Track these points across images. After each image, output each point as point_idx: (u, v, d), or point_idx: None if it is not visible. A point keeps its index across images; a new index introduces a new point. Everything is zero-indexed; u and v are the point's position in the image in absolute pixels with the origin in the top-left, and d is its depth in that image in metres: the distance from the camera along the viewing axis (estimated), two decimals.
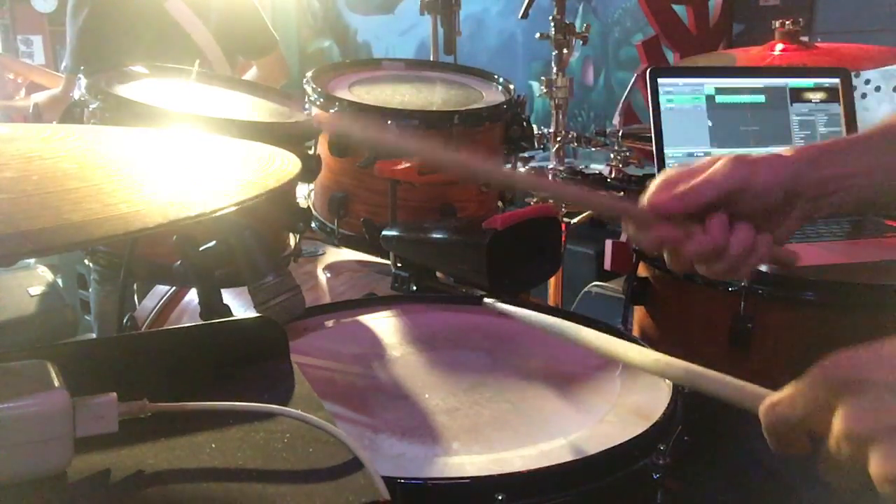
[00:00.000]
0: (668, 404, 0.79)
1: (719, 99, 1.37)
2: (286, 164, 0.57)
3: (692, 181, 0.69)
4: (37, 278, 1.83)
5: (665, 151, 1.33)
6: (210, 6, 2.07)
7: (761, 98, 1.40)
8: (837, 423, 0.49)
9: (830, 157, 0.71)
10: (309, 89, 1.40)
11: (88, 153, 0.57)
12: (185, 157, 0.64)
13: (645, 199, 0.71)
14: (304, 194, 1.48)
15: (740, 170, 0.69)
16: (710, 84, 1.37)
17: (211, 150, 0.66)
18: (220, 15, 2.09)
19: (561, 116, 1.86)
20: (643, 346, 0.93)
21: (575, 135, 1.91)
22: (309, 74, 1.43)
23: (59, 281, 2.49)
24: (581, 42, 1.84)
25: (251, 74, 2.29)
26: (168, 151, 0.66)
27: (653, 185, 0.71)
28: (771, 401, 0.54)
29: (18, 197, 0.45)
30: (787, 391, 0.53)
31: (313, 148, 1.27)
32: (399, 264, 1.23)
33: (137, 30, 1.97)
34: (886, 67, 1.77)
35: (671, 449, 0.75)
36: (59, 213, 0.42)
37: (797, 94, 1.42)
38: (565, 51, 1.81)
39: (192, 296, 1.41)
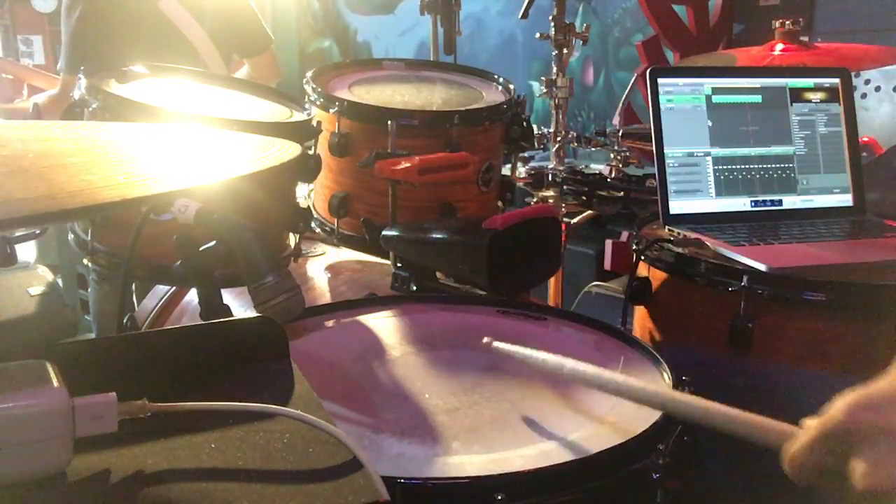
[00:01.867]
0: None
1: (717, 99, 1.37)
2: (284, 150, 0.57)
3: None
4: (37, 278, 1.83)
5: (665, 151, 1.33)
6: (204, 5, 2.07)
7: (759, 98, 1.40)
8: (856, 475, 0.49)
9: None
10: (309, 89, 1.40)
11: (88, 139, 0.57)
12: (187, 143, 0.64)
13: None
14: (304, 194, 1.48)
15: None
16: (709, 84, 1.37)
17: (212, 139, 0.66)
18: (215, 14, 2.09)
19: (561, 116, 1.86)
20: (649, 349, 0.93)
21: (575, 135, 1.91)
22: (309, 74, 1.43)
23: (59, 281, 2.49)
24: (581, 42, 1.84)
25: (242, 73, 2.28)
26: (170, 138, 0.67)
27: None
28: (791, 454, 0.53)
29: (13, 171, 0.45)
30: (804, 439, 0.52)
31: (313, 148, 1.27)
32: (399, 264, 1.23)
33: (131, 30, 1.96)
34: (886, 67, 1.77)
35: (671, 449, 0.75)
36: (53, 184, 0.42)
37: (797, 94, 1.42)
38: (565, 51, 1.81)
39: (192, 296, 1.41)
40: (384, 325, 1.05)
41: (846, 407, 0.50)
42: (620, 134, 1.83)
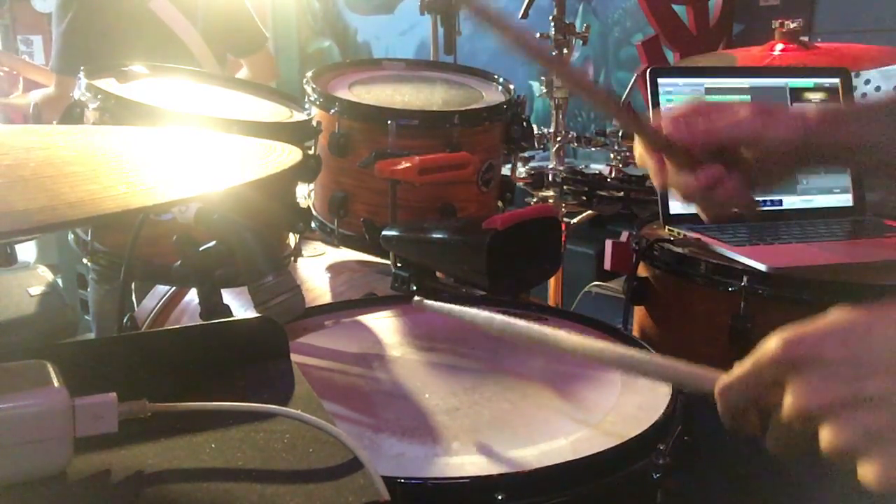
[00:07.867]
0: (668, 404, 0.79)
1: (717, 99, 1.37)
2: (284, 154, 0.57)
3: (715, 122, 0.73)
4: (37, 278, 1.83)
5: None
6: (196, 4, 2.06)
7: (759, 98, 1.39)
8: (788, 401, 0.50)
9: (848, 122, 0.73)
10: (309, 89, 1.40)
11: (90, 146, 0.57)
12: (187, 149, 0.64)
13: (664, 121, 0.75)
14: (304, 194, 1.48)
15: (761, 120, 0.73)
16: (709, 84, 1.37)
17: (212, 144, 0.66)
18: (207, 13, 2.08)
19: (561, 116, 1.86)
20: (637, 343, 0.93)
21: (575, 135, 1.91)
22: (309, 74, 1.43)
23: (59, 281, 2.48)
24: (581, 42, 1.84)
25: (242, 74, 2.28)
26: (170, 144, 0.67)
27: (677, 110, 0.75)
28: (723, 383, 0.55)
29: (15, 181, 0.45)
30: (737, 372, 0.54)
31: (313, 148, 1.27)
32: (399, 264, 1.23)
33: (124, 30, 1.96)
34: (886, 67, 1.77)
35: (671, 449, 0.75)
36: (54, 194, 0.42)
37: (797, 94, 1.41)
38: (565, 51, 1.81)
39: (192, 296, 1.41)
40: (384, 325, 1.05)
41: (781, 341, 0.51)
42: (620, 134, 1.83)
